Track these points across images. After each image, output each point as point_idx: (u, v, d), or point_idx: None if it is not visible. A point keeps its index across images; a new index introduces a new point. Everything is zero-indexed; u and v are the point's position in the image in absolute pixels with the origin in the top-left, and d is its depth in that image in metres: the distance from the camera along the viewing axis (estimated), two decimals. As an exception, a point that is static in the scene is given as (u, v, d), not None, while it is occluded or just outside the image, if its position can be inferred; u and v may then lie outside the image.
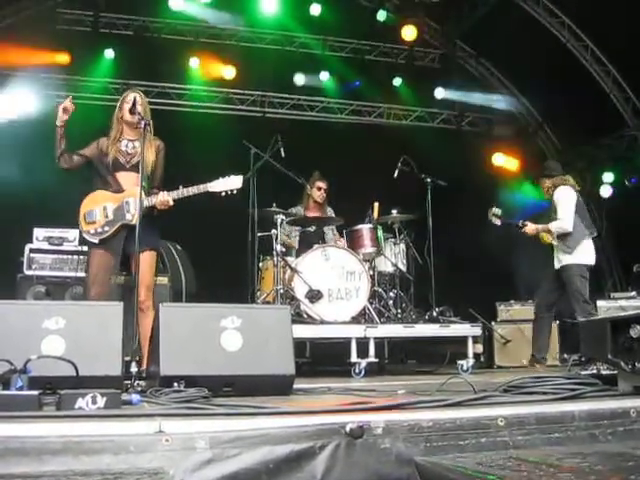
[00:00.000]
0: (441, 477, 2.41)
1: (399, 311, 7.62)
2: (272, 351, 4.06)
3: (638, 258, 9.94)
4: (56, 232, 8.00)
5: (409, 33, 12.12)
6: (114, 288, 6.20)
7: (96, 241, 5.59)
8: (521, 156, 13.46)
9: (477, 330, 7.28)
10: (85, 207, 5.70)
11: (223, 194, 5.58)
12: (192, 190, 5.57)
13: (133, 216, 5.47)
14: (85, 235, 5.67)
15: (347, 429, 2.59)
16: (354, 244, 7.58)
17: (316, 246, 7.25)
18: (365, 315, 7.17)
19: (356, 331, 6.71)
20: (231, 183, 5.61)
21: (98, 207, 5.63)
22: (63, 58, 11.13)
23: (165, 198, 5.52)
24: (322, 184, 8.43)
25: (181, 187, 5.57)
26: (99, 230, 5.59)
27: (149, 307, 5.35)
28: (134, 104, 5.48)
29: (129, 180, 5.62)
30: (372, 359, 6.68)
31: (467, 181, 11.04)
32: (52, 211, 8.60)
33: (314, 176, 8.44)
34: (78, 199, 5.76)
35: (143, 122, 5.25)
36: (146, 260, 5.46)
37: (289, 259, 7.40)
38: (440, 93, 13.05)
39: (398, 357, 9.83)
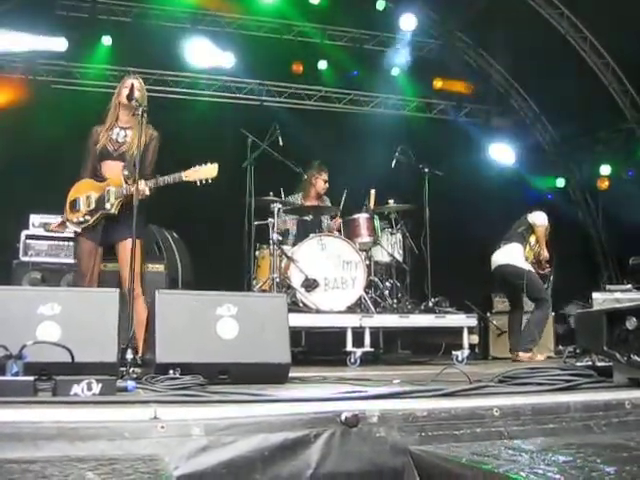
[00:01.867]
0: (436, 466, 2.41)
1: (395, 301, 7.62)
2: (268, 339, 4.05)
3: (634, 251, 9.95)
4: (52, 218, 7.97)
5: (408, 23, 12.09)
6: (107, 276, 6.18)
7: (78, 230, 5.62)
8: (519, 147, 13.45)
9: (473, 321, 7.29)
10: (71, 195, 5.73)
11: (198, 183, 5.52)
12: (167, 179, 5.52)
13: (112, 205, 5.47)
14: (69, 224, 5.70)
15: (342, 418, 2.59)
16: (351, 233, 7.58)
17: (312, 235, 7.25)
18: (361, 305, 7.17)
19: (352, 320, 6.72)
20: (206, 172, 5.49)
21: (82, 196, 5.64)
22: (60, 44, 11.07)
23: (141, 187, 5.44)
24: (326, 175, 8.43)
25: (157, 176, 5.54)
26: (81, 219, 5.60)
27: (139, 295, 5.33)
28: (132, 90, 5.47)
29: (114, 169, 5.62)
30: (367, 349, 6.70)
31: (464, 172, 11.04)
32: (48, 197, 8.58)
33: (319, 167, 8.40)
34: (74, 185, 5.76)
35: (140, 109, 5.24)
36: (127, 248, 5.34)
37: (285, 248, 7.40)
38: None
39: (393, 347, 9.84)
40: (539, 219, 8.29)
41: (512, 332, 8.22)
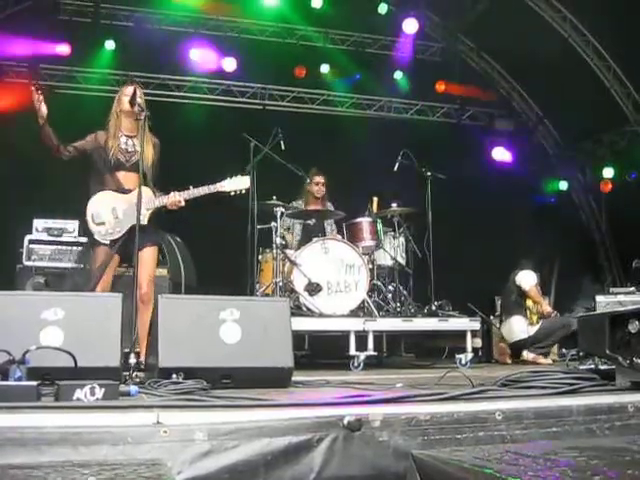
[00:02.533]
0: (438, 470, 2.41)
1: (398, 305, 7.62)
2: (271, 343, 4.06)
3: (637, 253, 9.94)
4: (55, 223, 7.99)
5: (410, 26, 12.10)
6: (119, 281, 6.20)
7: (107, 242, 5.59)
8: (522, 150, 13.45)
9: (476, 324, 7.29)
10: (92, 207, 5.68)
11: (232, 194, 5.63)
12: (203, 190, 5.63)
13: (143, 216, 5.47)
14: (96, 236, 5.64)
15: (345, 422, 2.59)
16: (354, 237, 7.59)
17: (315, 239, 7.26)
18: (364, 308, 7.18)
19: (355, 324, 6.71)
20: (240, 183, 5.72)
21: (106, 208, 5.63)
22: (63, 49, 11.10)
23: (177, 198, 5.55)
24: (320, 179, 8.42)
25: (191, 187, 5.61)
26: (110, 231, 5.60)
27: (150, 299, 5.36)
28: (134, 95, 5.46)
29: (131, 180, 5.61)
30: (371, 352, 6.69)
31: (467, 175, 11.03)
32: (52, 202, 8.60)
33: (312, 171, 8.41)
34: (78, 190, 5.76)
35: (143, 114, 5.24)
36: (150, 255, 5.53)
37: (289, 252, 7.40)
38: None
39: (396, 351, 9.84)
40: (526, 283, 8.40)
41: None
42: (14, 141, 9.63)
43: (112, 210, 5.61)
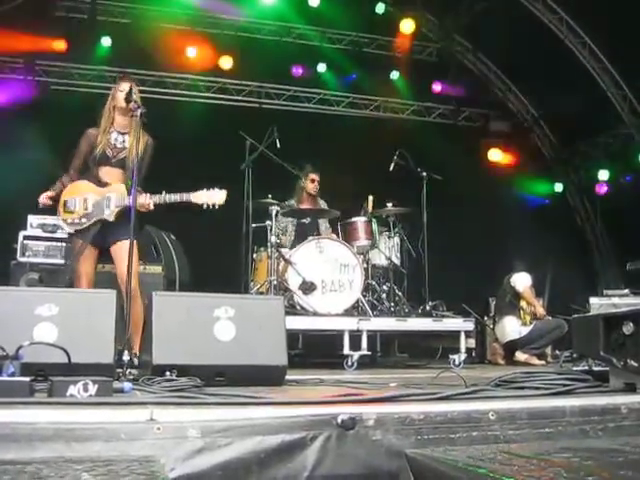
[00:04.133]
0: (432, 469, 2.41)
1: (392, 304, 7.62)
2: (265, 342, 4.06)
3: (632, 256, 9.96)
4: (50, 219, 7.96)
5: (407, 26, 12.12)
6: (104, 277, 6.17)
7: (72, 231, 5.60)
8: (517, 152, 13.46)
9: (470, 325, 7.29)
10: (66, 194, 5.68)
11: (205, 207, 5.51)
12: (174, 197, 5.52)
13: (112, 213, 5.46)
14: (62, 223, 5.69)
15: (339, 420, 2.59)
16: (348, 236, 7.59)
17: (310, 238, 7.25)
18: (358, 308, 7.18)
19: (349, 324, 6.71)
20: (214, 197, 5.50)
21: (79, 197, 5.61)
22: (59, 45, 11.08)
23: (147, 201, 5.47)
24: (315, 176, 8.42)
25: (164, 192, 5.53)
26: (76, 221, 5.58)
27: (137, 295, 5.34)
28: (130, 92, 5.44)
29: (114, 175, 5.60)
30: (364, 352, 6.69)
31: (463, 176, 11.05)
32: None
33: (307, 168, 8.40)
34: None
35: (139, 110, 5.22)
36: (126, 249, 5.40)
37: (283, 251, 7.40)
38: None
39: (390, 350, 9.84)
40: (521, 284, 8.47)
41: None
42: (9, 137, 9.62)
43: (83, 201, 5.59)
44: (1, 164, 9.25)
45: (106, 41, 11.38)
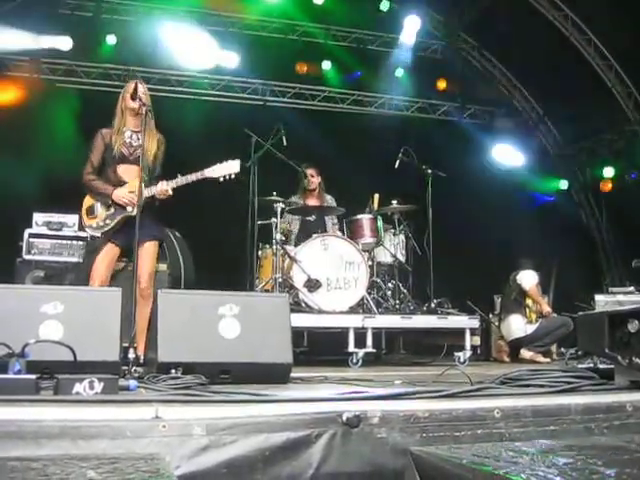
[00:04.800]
0: (436, 467, 2.41)
1: (397, 302, 7.63)
2: (270, 339, 4.06)
3: (637, 253, 9.94)
4: (55, 217, 7.99)
5: (412, 24, 12.10)
6: (119, 276, 6.20)
7: (98, 234, 5.61)
8: (522, 149, 13.44)
9: (475, 322, 7.29)
10: (87, 202, 5.73)
11: (221, 179, 5.56)
12: (190, 177, 5.56)
13: (134, 208, 5.46)
14: (88, 230, 5.70)
15: (344, 418, 2.59)
16: (354, 234, 7.59)
17: (315, 235, 7.25)
18: (363, 305, 7.18)
19: (354, 321, 6.72)
20: (229, 167, 5.58)
21: (99, 201, 5.65)
22: (65, 43, 11.08)
23: (164, 187, 5.52)
24: (311, 171, 8.41)
25: (179, 175, 5.57)
26: (101, 224, 5.62)
27: (150, 294, 5.37)
28: (135, 90, 5.48)
29: (130, 172, 5.63)
30: (369, 349, 6.70)
31: (467, 173, 11.04)
32: (52, 196, 8.61)
33: (304, 165, 8.40)
34: (78, 184, 5.76)
35: (144, 108, 5.25)
36: (149, 250, 5.52)
37: (288, 248, 7.40)
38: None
39: (395, 348, 9.85)
40: (527, 282, 8.47)
41: None
42: (15, 135, 9.64)
43: (104, 203, 5.63)
44: (6, 162, 9.26)
45: (111, 39, 11.37)
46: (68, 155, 5.97)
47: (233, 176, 5.60)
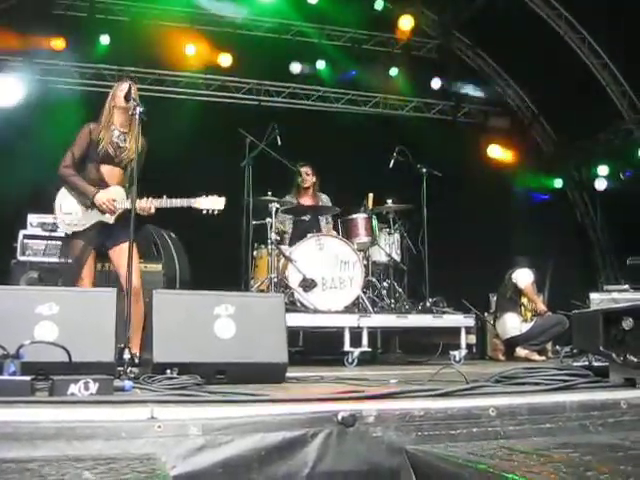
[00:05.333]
0: (432, 466, 2.42)
1: (392, 301, 7.63)
2: (265, 339, 4.06)
3: (631, 251, 9.97)
4: (50, 218, 7.94)
5: (406, 23, 12.11)
6: (104, 277, 6.18)
7: (69, 232, 5.58)
8: (517, 148, 13.46)
9: (470, 321, 7.30)
10: (63, 195, 5.66)
11: (204, 212, 5.55)
12: (175, 202, 5.52)
13: (112, 216, 5.46)
14: (59, 224, 5.66)
15: (339, 417, 2.60)
16: (348, 233, 7.59)
17: (310, 235, 7.25)
18: (358, 305, 7.18)
19: (349, 320, 6.72)
20: (214, 203, 5.57)
21: (76, 198, 5.60)
22: (58, 43, 11.07)
23: (147, 205, 5.45)
24: (305, 169, 8.40)
25: (165, 197, 5.53)
26: (74, 222, 5.56)
27: (140, 293, 5.35)
28: (129, 91, 5.45)
29: (114, 175, 5.59)
30: (365, 348, 6.70)
31: (462, 172, 11.05)
32: (46, 197, 8.58)
33: (298, 164, 8.39)
34: (59, 185, 5.74)
35: (138, 109, 5.22)
36: (125, 252, 5.44)
37: (283, 247, 7.40)
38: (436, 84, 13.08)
39: (390, 347, 9.85)
40: (522, 281, 8.47)
41: None
42: (9, 136, 9.62)
43: (82, 201, 5.58)
44: (0, 163, 9.25)
45: (105, 39, 11.36)
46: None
47: (217, 212, 5.58)
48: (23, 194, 9.14)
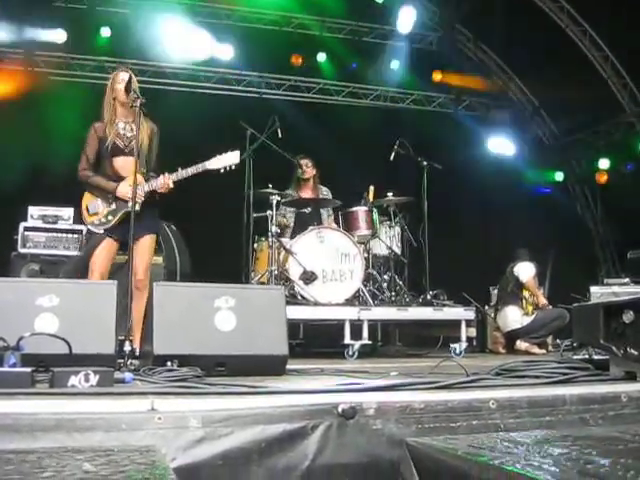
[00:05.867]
0: (432, 458, 2.42)
1: (393, 294, 7.62)
2: (266, 331, 4.06)
3: (632, 244, 9.96)
4: (50, 210, 7.97)
5: (407, 15, 12.07)
6: (117, 268, 6.18)
7: (101, 231, 5.58)
8: (518, 141, 13.44)
9: (470, 314, 7.30)
10: (87, 199, 5.68)
11: (222, 171, 5.56)
12: (191, 170, 5.55)
13: (136, 203, 5.45)
14: (90, 227, 5.65)
15: (339, 409, 2.60)
16: (349, 226, 7.58)
17: (311, 227, 7.25)
18: (359, 297, 7.18)
19: (350, 313, 6.72)
20: (228, 159, 5.58)
21: (100, 197, 5.62)
22: (59, 36, 11.05)
23: (165, 181, 5.50)
24: (304, 161, 8.35)
25: (179, 168, 5.55)
26: (103, 220, 5.58)
27: (146, 286, 5.36)
28: (129, 82, 5.40)
29: (127, 165, 5.56)
30: (365, 341, 6.70)
31: (463, 165, 11.04)
32: (47, 189, 8.59)
33: (298, 156, 8.36)
34: (73, 177, 5.73)
35: (139, 101, 5.19)
36: (146, 243, 5.51)
37: (284, 240, 7.39)
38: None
39: (391, 340, 9.85)
40: (524, 274, 8.44)
41: None
42: (9, 128, 9.61)
43: (105, 199, 5.59)
44: (1, 156, 9.24)
45: (105, 31, 11.33)
46: (63, 148, 5.93)
47: (233, 167, 5.60)
48: (24, 186, 9.15)
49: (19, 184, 9.24)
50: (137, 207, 5.31)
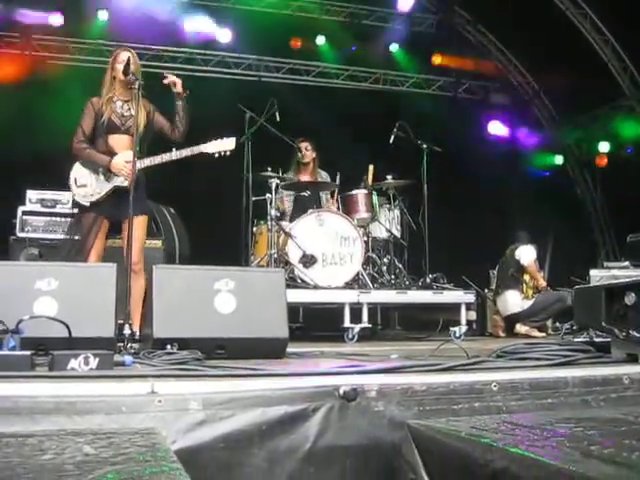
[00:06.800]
0: (434, 440, 2.41)
1: (393, 277, 7.62)
2: (266, 314, 4.04)
3: (632, 228, 9.95)
4: (49, 194, 7.94)
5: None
6: (109, 251, 6.15)
7: (87, 204, 5.53)
8: (517, 124, 13.41)
9: (470, 297, 7.30)
10: (77, 170, 5.64)
11: (216, 155, 5.54)
12: (185, 152, 5.53)
13: (127, 179, 5.41)
14: (76, 198, 5.61)
15: (341, 392, 2.59)
16: (349, 209, 7.57)
17: (310, 211, 7.24)
18: (358, 281, 7.17)
19: (349, 296, 6.72)
20: (224, 145, 5.57)
21: (90, 169, 5.58)
22: (56, 19, 11.00)
23: (159, 161, 5.49)
24: (304, 144, 8.31)
25: (174, 149, 5.53)
26: (90, 192, 5.53)
27: (141, 269, 5.35)
28: (128, 64, 5.39)
29: (122, 143, 5.55)
30: (365, 325, 6.71)
31: (463, 148, 11.01)
32: (45, 173, 8.55)
33: (298, 139, 8.33)
34: (72, 161, 5.70)
35: (137, 82, 5.18)
36: (140, 224, 5.44)
37: (283, 224, 7.38)
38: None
39: (391, 323, 9.87)
40: (526, 258, 8.44)
41: None
42: (7, 112, 9.57)
43: (95, 172, 5.55)
44: (0, 139, 9.21)
45: (103, 15, 11.27)
46: (61, 132, 5.89)
47: (228, 153, 5.59)
48: (22, 170, 9.12)
49: (17, 168, 9.21)
50: (126, 182, 5.29)
